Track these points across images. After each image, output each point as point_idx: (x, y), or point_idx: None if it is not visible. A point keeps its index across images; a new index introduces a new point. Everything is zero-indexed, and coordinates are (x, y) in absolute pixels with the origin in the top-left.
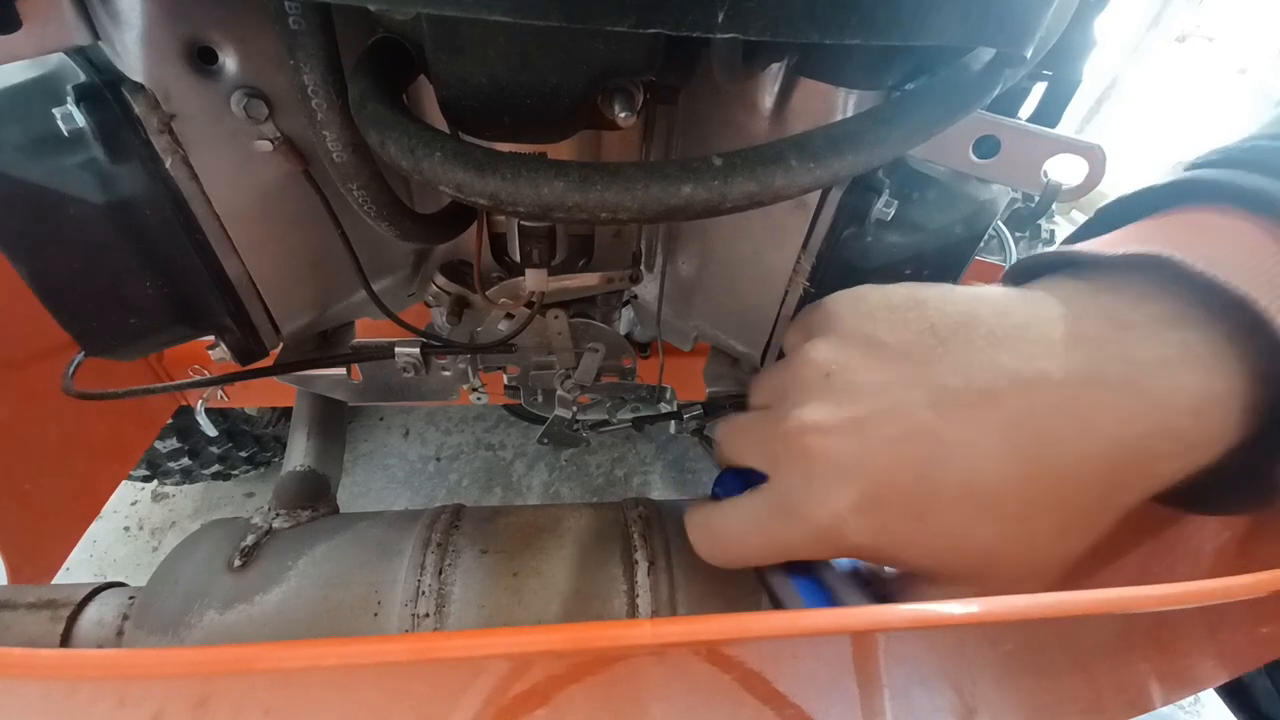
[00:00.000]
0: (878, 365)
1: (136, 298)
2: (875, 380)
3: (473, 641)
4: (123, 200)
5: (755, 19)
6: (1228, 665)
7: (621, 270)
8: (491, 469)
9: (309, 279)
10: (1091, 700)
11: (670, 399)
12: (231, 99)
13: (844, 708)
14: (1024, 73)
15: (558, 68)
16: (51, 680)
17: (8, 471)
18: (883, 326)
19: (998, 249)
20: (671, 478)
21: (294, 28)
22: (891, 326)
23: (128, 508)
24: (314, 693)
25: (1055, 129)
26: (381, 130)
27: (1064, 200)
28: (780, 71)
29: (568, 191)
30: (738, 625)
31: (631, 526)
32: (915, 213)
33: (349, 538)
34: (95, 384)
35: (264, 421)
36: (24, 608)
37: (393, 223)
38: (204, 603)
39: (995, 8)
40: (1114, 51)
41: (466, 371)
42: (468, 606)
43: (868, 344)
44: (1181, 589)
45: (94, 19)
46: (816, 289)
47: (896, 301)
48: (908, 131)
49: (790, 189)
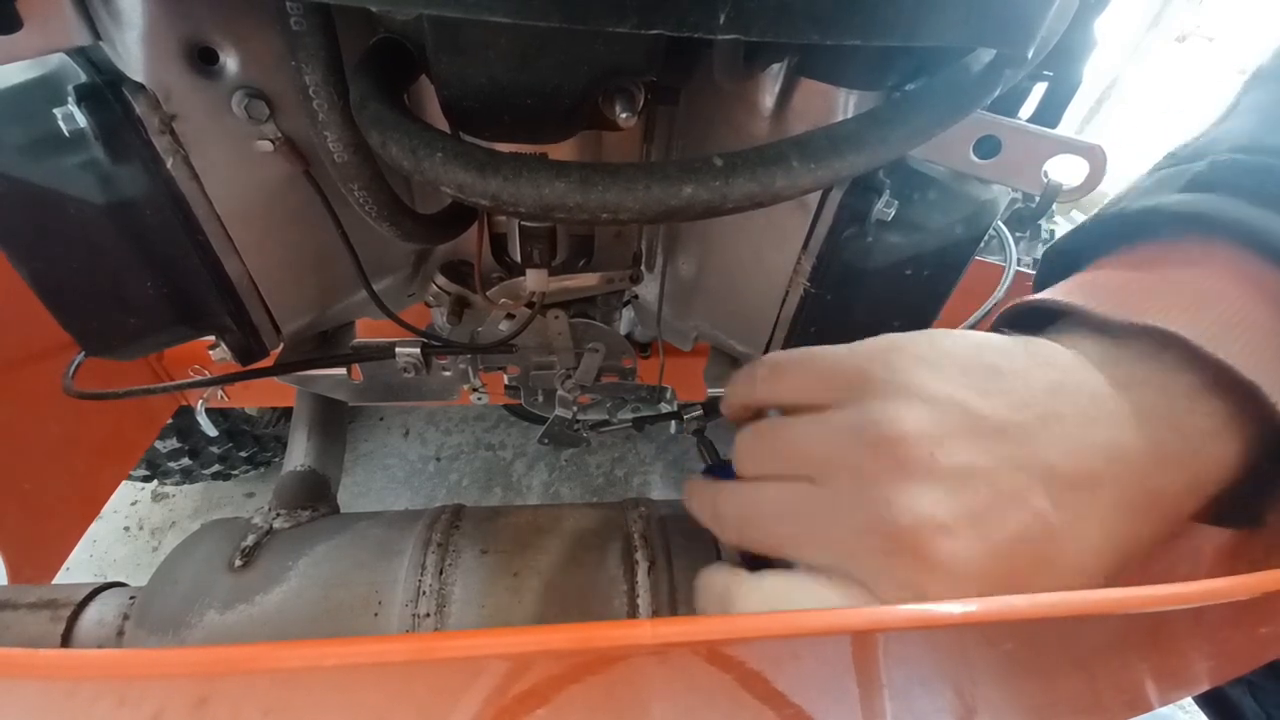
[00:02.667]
0: (981, 443)
1: (137, 298)
2: (985, 463)
3: (473, 641)
4: (123, 200)
5: (756, 20)
6: (1227, 665)
7: (622, 270)
8: (491, 469)
9: (309, 279)
10: (1091, 700)
11: (670, 399)
12: (232, 99)
13: (844, 708)
14: (1024, 73)
15: (558, 68)
16: (51, 680)
17: (8, 471)
18: (974, 396)
19: (998, 249)
20: (671, 478)
21: (295, 28)
22: (984, 395)
23: (128, 508)
24: (314, 693)
25: (1055, 129)
26: (383, 131)
27: (1064, 200)
28: (781, 72)
29: (569, 192)
30: (738, 625)
31: (631, 527)
32: (916, 213)
33: (349, 538)
34: (95, 384)
35: (264, 421)
36: (24, 608)
37: (394, 223)
38: (204, 603)
39: (996, 9)
40: (1114, 51)
41: (467, 371)
42: (468, 606)
43: (965, 415)
44: (1181, 589)
45: (95, 19)
46: (817, 289)
47: (970, 363)
48: (908, 132)
49: (791, 189)
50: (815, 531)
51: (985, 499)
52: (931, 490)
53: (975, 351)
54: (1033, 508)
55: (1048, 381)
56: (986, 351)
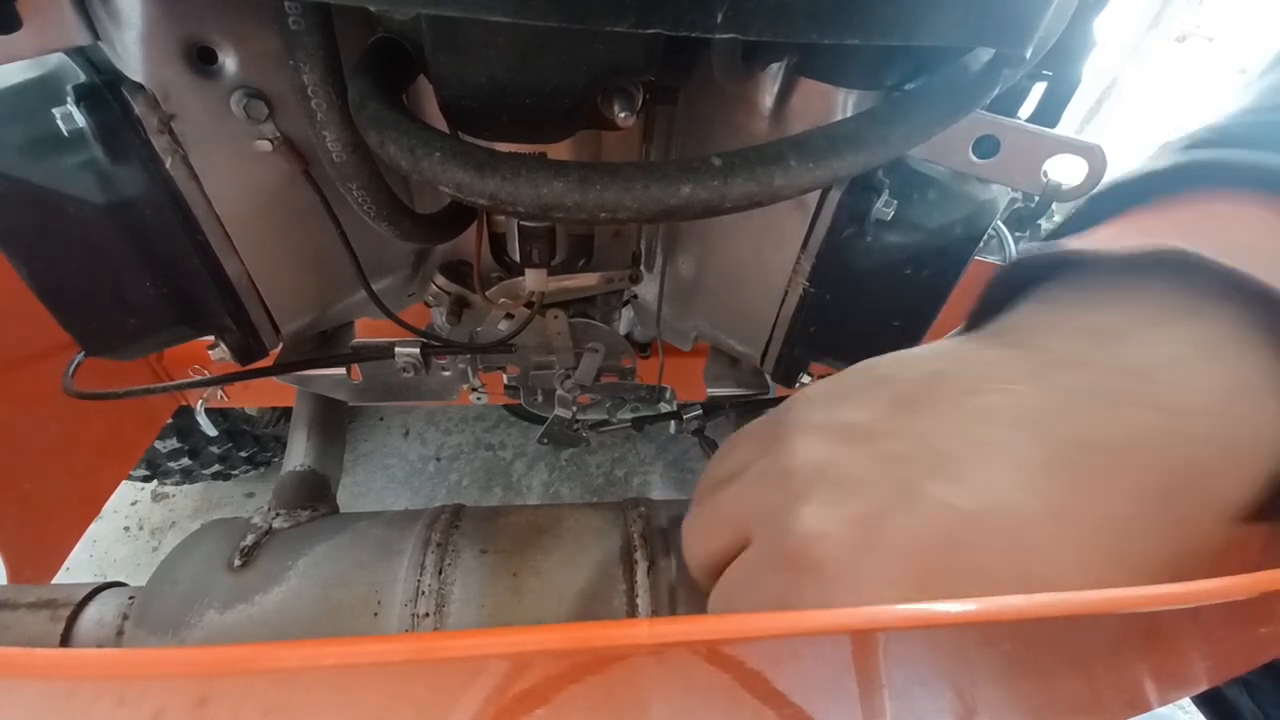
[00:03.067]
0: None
1: (136, 298)
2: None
3: (473, 641)
4: (123, 200)
5: (755, 19)
6: (1227, 665)
7: (621, 270)
8: (491, 469)
9: (309, 279)
10: (1090, 700)
11: (670, 399)
12: (231, 99)
13: (844, 708)
14: (1023, 73)
15: (557, 68)
16: (51, 680)
17: (8, 471)
18: (856, 407)
19: (998, 249)
20: (671, 478)
21: (294, 28)
22: (864, 404)
23: (128, 508)
24: (314, 693)
25: (1055, 129)
26: (381, 130)
27: (1064, 200)
28: (780, 71)
29: (567, 191)
30: (738, 625)
31: (631, 526)
32: (915, 213)
33: (349, 538)
34: (95, 384)
35: (264, 421)
36: (24, 607)
37: (392, 223)
38: (204, 603)
39: (995, 8)
40: (1114, 51)
41: (466, 371)
42: (468, 606)
43: (846, 429)
44: (1180, 589)
45: (94, 19)
46: (816, 289)
47: (860, 377)
48: (907, 131)
49: (789, 189)
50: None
51: (873, 502)
52: (818, 505)
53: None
54: (931, 499)
55: (927, 371)
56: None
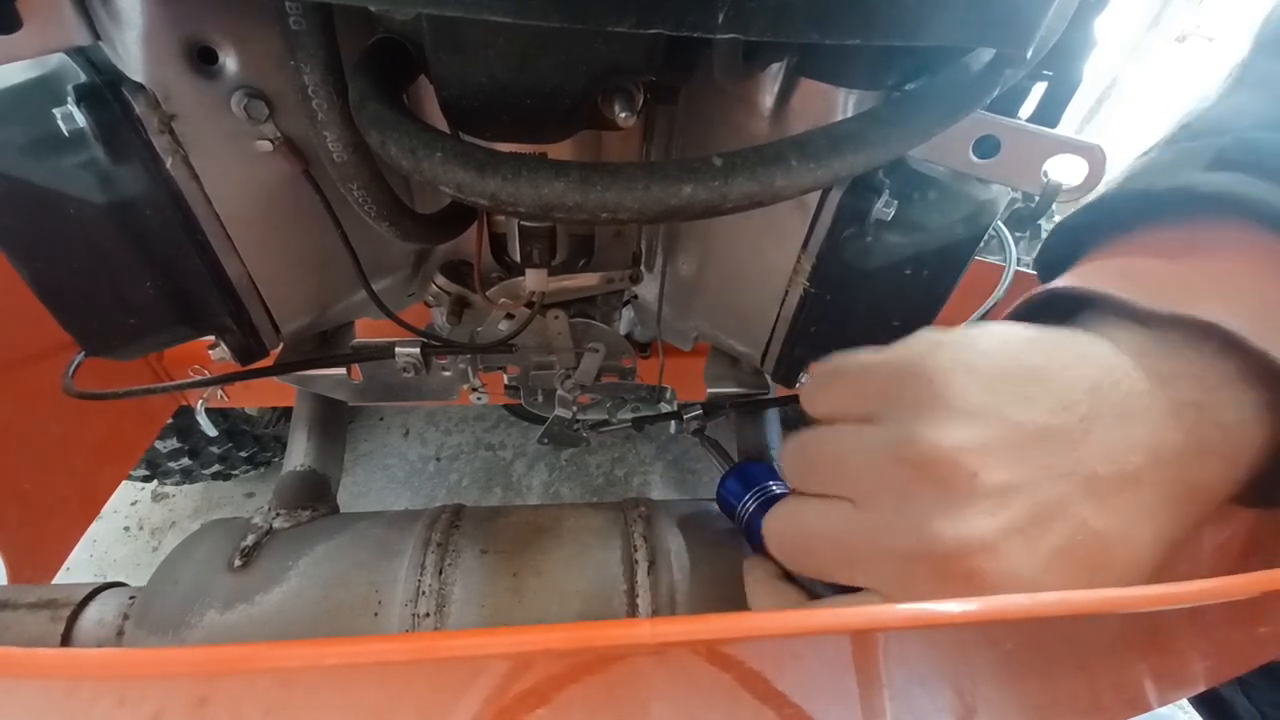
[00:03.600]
0: (1022, 455)
1: (137, 298)
2: (1026, 476)
3: (473, 641)
4: (123, 200)
5: (756, 19)
6: (1227, 665)
7: (621, 270)
8: (491, 469)
9: (309, 279)
10: (1090, 700)
11: (670, 399)
12: (232, 99)
13: (844, 707)
14: (1024, 73)
15: (558, 68)
16: (51, 680)
17: (8, 471)
18: (1014, 404)
19: (998, 249)
20: (672, 478)
21: (294, 28)
22: (1024, 402)
23: (128, 508)
24: (314, 693)
25: (1055, 129)
26: (382, 130)
27: (1064, 200)
28: (780, 71)
29: (568, 192)
30: (738, 625)
31: (632, 526)
32: (915, 213)
33: (349, 538)
34: (95, 384)
35: (264, 421)
36: (24, 608)
37: (393, 223)
38: (204, 602)
39: (996, 8)
40: (1114, 51)
41: (466, 371)
42: (468, 606)
43: (1005, 427)
44: (1179, 589)
45: (94, 19)
46: (817, 289)
47: (1010, 367)
48: (908, 131)
49: (790, 189)
50: (860, 556)
51: (1028, 514)
52: (975, 510)
53: (1015, 353)
54: (1076, 517)
55: (1088, 381)
56: (1027, 352)
